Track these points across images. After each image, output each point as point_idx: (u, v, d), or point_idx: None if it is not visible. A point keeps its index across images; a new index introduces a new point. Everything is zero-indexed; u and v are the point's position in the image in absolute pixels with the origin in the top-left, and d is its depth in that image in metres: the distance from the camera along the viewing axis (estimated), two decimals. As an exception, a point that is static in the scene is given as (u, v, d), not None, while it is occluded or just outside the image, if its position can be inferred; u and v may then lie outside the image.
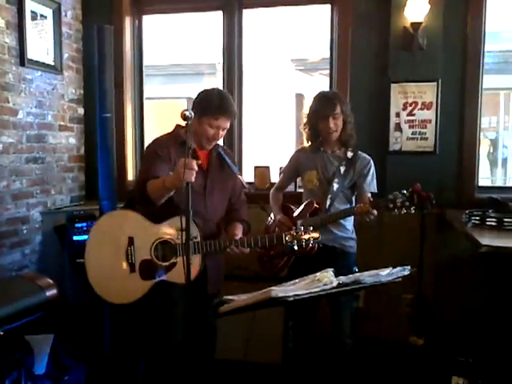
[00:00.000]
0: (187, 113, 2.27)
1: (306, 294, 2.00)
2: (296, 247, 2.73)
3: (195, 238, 2.66)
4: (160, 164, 2.73)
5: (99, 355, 3.63)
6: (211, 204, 2.88)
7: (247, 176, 4.55)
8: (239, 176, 3.06)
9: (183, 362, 2.85)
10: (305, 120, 3.33)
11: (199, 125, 2.76)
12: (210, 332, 3.01)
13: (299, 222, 3.14)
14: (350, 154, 3.24)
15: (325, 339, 3.29)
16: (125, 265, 2.76)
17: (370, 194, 3.22)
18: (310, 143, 3.37)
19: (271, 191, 3.57)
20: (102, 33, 3.60)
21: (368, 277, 2.18)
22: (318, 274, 2.13)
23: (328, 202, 3.19)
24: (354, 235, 3.31)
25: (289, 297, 1.95)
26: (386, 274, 2.22)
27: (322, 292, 2.05)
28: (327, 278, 2.07)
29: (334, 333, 3.21)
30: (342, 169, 3.22)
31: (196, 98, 2.85)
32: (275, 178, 4.38)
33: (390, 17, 3.95)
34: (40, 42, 4.09)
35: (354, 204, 3.27)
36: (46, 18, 4.15)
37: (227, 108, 2.78)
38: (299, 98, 9.28)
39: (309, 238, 2.72)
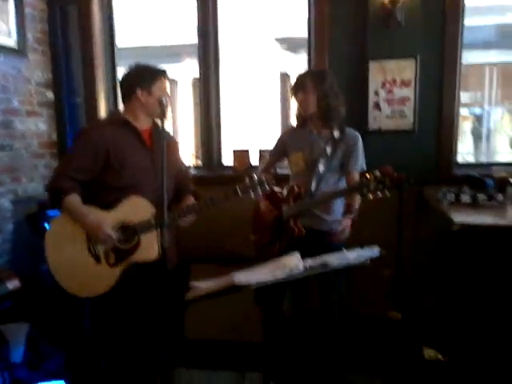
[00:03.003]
0: (163, 99, 2.60)
1: (270, 279, 1.98)
2: (253, 195, 2.74)
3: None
4: (88, 157, 2.72)
5: (78, 341, 3.61)
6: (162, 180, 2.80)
7: (227, 160, 4.58)
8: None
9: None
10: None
11: (151, 95, 2.78)
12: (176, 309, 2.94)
13: (283, 209, 3.13)
14: (336, 134, 3.19)
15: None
16: (90, 258, 2.75)
17: (357, 174, 3.20)
18: (296, 121, 3.35)
19: (257, 174, 3.53)
20: (65, 13, 3.50)
21: (336, 259, 2.16)
22: (283, 257, 2.10)
23: (314, 185, 3.16)
24: (336, 213, 3.27)
25: (251, 283, 1.93)
26: (353, 256, 2.21)
27: (287, 277, 2.04)
28: (293, 263, 2.04)
29: (322, 309, 3.25)
30: (329, 149, 3.16)
31: (130, 76, 2.85)
32: (255, 161, 4.38)
33: (368, -6, 3.90)
34: (1, 25, 3.94)
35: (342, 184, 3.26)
36: (6, -2, 4.00)
37: (162, 68, 2.86)
38: (284, 77, 9.20)
39: (262, 183, 2.74)
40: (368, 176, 2.81)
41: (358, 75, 4.05)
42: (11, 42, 4.05)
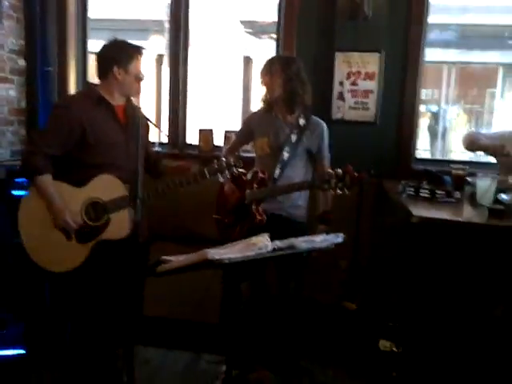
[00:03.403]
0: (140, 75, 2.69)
1: (241, 257, 2.06)
2: (221, 179, 2.86)
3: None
4: (64, 132, 2.77)
5: (38, 311, 3.62)
6: (134, 156, 2.81)
7: (192, 139, 4.59)
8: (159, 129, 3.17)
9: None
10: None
11: (128, 74, 2.84)
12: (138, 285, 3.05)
13: (247, 193, 3.19)
14: (302, 122, 3.26)
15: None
16: (60, 234, 2.79)
17: (327, 162, 3.31)
18: (262, 105, 3.40)
19: (223, 154, 3.56)
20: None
21: (303, 242, 2.26)
22: (253, 237, 2.18)
23: (277, 172, 3.22)
24: (301, 203, 3.36)
25: (224, 259, 2.01)
26: (320, 240, 2.31)
27: (257, 256, 2.12)
28: (262, 243, 2.12)
29: (280, 295, 3.34)
30: (294, 137, 3.23)
31: (108, 53, 2.88)
32: (219, 141, 4.41)
33: (337, -16, 3.95)
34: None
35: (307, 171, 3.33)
36: (-17, -39, 3.90)
37: (139, 45, 2.92)
38: (247, 61, 9.22)
39: (230, 166, 2.83)
40: (330, 172, 2.90)
41: (324, 64, 4.10)
42: (-15, 7, 3.98)
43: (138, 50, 2.88)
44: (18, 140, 4.47)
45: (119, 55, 2.83)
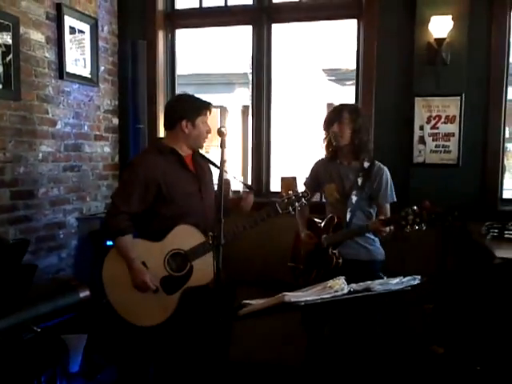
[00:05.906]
0: (223, 129, 2.44)
1: (317, 299, 2.12)
2: (292, 211, 2.91)
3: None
4: (141, 191, 2.85)
5: (129, 357, 3.75)
6: (207, 202, 2.98)
7: (275, 186, 4.70)
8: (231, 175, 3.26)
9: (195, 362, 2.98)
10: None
11: (195, 127, 2.91)
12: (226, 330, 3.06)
13: (323, 238, 3.26)
14: (366, 165, 3.29)
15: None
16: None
17: (388, 206, 3.31)
18: (326, 153, 3.47)
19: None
20: (135, 47, 3.80)
21: (378, 285, 2.28)
22: (330, 281, 2.23)
23: (348, 216, 3.26)
24: (376, 242, 3.35)
25: (300, 302, 2.07)
26: (395, 282, 2.32)
27: (333, 298, 2.17)
28: (338, 285, 2.17)
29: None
30: (360, 180, 3.27)
31: (177, 107, 2.98)
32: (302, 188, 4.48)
33: (414, 32, 4.02)
34: (78, 56, 4.26)
35: (373, 217, 3.32)
36: (83, 32, 4.30)
37: (207, 101, 2.99)
38: (330, 107, 9.32)
39: (299, 198, 2.92)
40: (407, 209, 2.90)
41: (404, 110, 4.16)
42: (86, 72, 4.37)
43: (206, 106, 2.95)
44: (112, 193, 4.74)
45: (188, 110, 2.91)
